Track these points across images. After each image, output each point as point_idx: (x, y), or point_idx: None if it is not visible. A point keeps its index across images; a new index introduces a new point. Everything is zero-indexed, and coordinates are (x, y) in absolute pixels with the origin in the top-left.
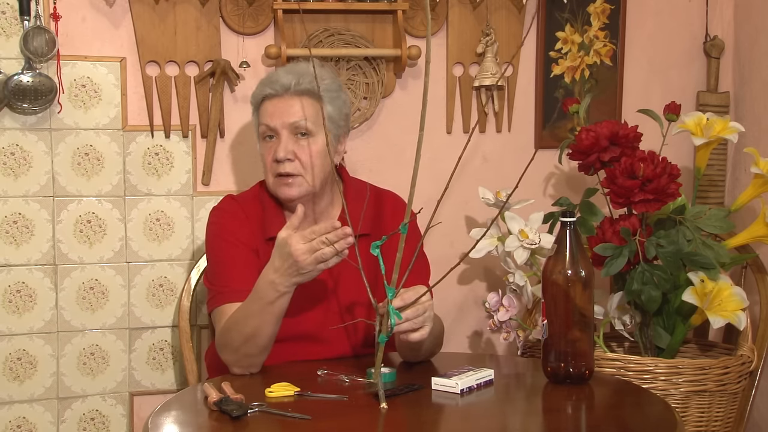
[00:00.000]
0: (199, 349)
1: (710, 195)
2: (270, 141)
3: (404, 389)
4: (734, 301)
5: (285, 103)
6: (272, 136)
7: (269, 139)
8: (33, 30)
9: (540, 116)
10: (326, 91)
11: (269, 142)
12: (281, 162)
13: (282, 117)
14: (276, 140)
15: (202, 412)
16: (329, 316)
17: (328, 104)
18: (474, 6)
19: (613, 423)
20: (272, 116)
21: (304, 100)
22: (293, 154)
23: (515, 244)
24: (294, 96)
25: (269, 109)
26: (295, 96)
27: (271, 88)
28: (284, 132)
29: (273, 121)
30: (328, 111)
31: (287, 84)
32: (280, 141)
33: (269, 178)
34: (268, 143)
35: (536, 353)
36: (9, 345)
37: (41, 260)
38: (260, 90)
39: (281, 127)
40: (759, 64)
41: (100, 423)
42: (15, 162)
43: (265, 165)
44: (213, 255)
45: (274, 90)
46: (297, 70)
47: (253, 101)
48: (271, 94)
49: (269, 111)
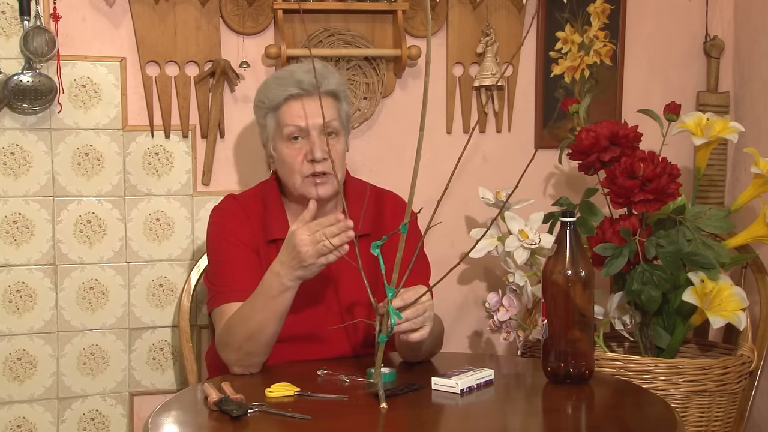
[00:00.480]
0: (199, 349)
1: (710, 195)
2: (296, 142)
3: (404, 389)
4: (734, 301)
5: (313, 102)
6: (298, 137)
7: (295, 140)
8: (33, 30)
9: (540, 116)
10: (342, 92)
11: (296, 143)
12: (318, 162)
13: (313, 117)
14: (304, 141)
15: (202, 412)
16: (329, 316)
17: (345, 104)
18: (474, 6)
19: (613, 423)
20: (301, 116)
21: (329, 100)
22: (328, 154)
23: (515, 244)
24: (322, 96)
25: (296, 110)
26: (322, 96)
27: (297, 88)
28: (314, 132)
29: (303, 121)
30: (346, 110)
31: (313, 83)
32: (311, 141)
33: (297, 179)
34: (294, 144)
35: (536, 353)
36: (9, 345)
37: (41, 260)
38: (280, 90)
39: (312, 127)
40: (759, 64)
41: (100, 423)
42: (15, 162)
43: (293, 166)
44: (213, 255)
45: (302, 89)
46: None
47: (271, 102)
48: (297, 94)
49: (296, 111)
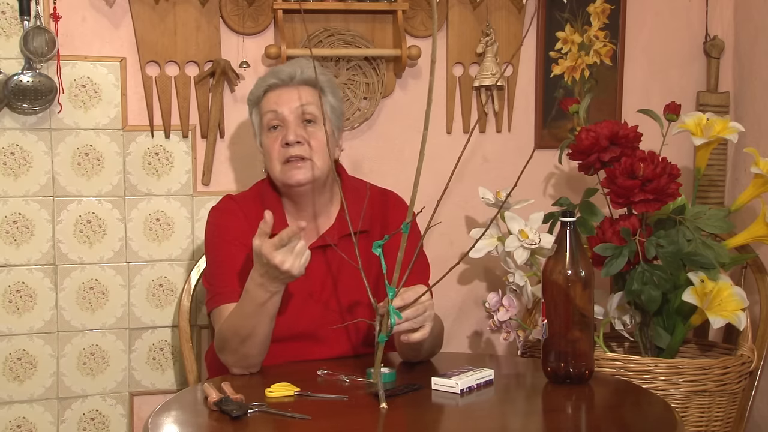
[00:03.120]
0: (199, 349)
1: (710, 195)
2: (275, 131)
3: (404, 389)
4: (734, 301)
5: (291, 91)
6: (277, 126)
7: (274, 129)
8: (33, 30)
9: (540, 116)
10: (327, 82)
11: (274, 132)
12: (291, 145)
13: (289, 103)
14: (282, 129)
15: (202, 412)
16: (329, 315)
17: (330, 95)
18: (474, 6)
19: (613, 423)
20: (278, 103)
21: (308, 89)
22: (303, 138)
23: (515, 244)
24: (299, 85)
25: (273, 98)
26: (299, 85)
27: (275, 78)
28: (291, 117)
29: (280, 107)
30: (330, 101)
31: (292, 73)
32: (287, 128)
33: (276, 166)
34: (273, 133)
35: (536, 353)
36: (9, 345)
37: (41, 260)
38: (261, 83)
39: (289, 113)
40: (759, 64)
41: (100, 423)
42: (15, 162)
43: (271, 154)
44: (212, 255)
45: (279, 80)
46: (297, 62)
47: (254, 96)
48: (275, 84)
49: (274, 99)
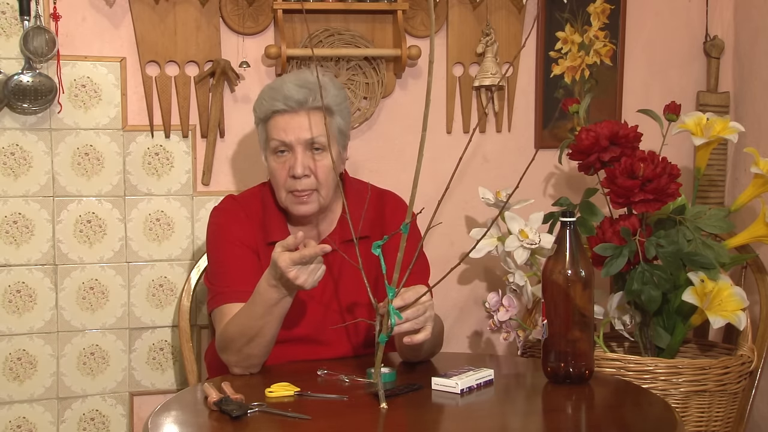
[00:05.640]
0: (199, 349)
1: (710, 195)
2: (282, 155)
3: (404, 389)
4: (734, 301)
5: (299, 118)
6: (284, 150)
7: (281, 153)
8: (33, 30)
9: (540, 116)
10: (337, 105)
11: (281, 156)
12: (298, 179)
13: (297, 133)
14: (289, 155)
15: (202, 412)
16: (329, 316)
17: (339, 117)
18: (474, 6)
19: (613, 423)
20: (286, 132)
21: (317, 115)
22: (310, 170)
23: (515, 244)
24: (309, 111)
25: (281, 125)
26: (310, 111)
27: (283, 104)
28: (299, 147)
29: (288, 137)
30: (339, 124)
31: (301, 100)
32: (295, 156)
33: (281, 193)
34: (280, 157)
35: (536, 353)
36: (9, 345)
37: (41, 260)
38: (269, 104)
39: (296, 143)
40: (759, 64)
41: (100, 423)
42: (15, 162)
43: (277, 180)
44: (213, 255)
45: (288, 106)
46: (307, 84)
47: (261, 114)
48: (283, 110)
49: (281, 126)
